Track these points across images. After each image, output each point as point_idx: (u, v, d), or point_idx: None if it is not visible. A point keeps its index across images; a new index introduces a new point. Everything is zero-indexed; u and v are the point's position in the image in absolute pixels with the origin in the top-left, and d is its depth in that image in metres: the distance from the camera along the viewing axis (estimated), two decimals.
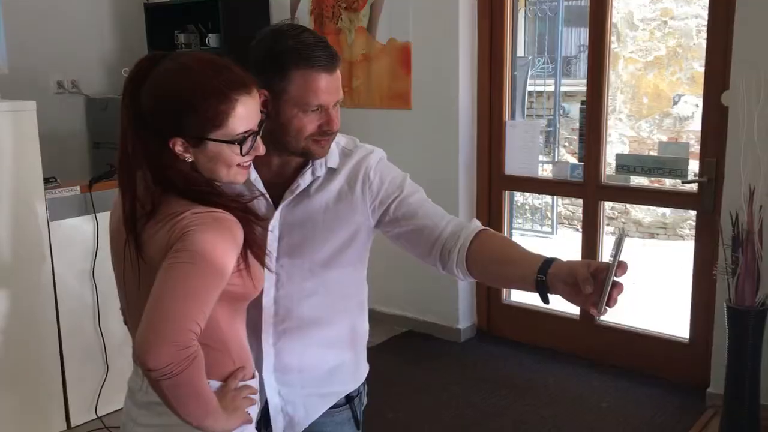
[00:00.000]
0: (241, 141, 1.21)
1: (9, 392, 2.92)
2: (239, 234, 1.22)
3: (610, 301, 1.19)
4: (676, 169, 3.34)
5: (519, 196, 7.18)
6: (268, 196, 1.46)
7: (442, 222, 1.46)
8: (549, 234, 7.22)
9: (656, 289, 5.24)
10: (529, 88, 7.03)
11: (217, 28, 4.28)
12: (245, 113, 1.21)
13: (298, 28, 1.40)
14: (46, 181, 2.97)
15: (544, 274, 1.26)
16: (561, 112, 7.52)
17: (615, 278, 1.18)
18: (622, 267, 1.19)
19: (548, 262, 1.28)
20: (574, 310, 3.73)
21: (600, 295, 1.18)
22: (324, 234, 1.47)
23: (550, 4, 7.52)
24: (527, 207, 7.40)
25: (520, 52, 7.59)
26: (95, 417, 3.14)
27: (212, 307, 1.17)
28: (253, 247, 1.26)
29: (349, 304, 1.58)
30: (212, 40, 4.30)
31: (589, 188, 3.61)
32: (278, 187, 1.47)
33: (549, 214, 7.36)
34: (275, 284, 1.47)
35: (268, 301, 1.48)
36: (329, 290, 1.52)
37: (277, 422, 1.53)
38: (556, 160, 6.97)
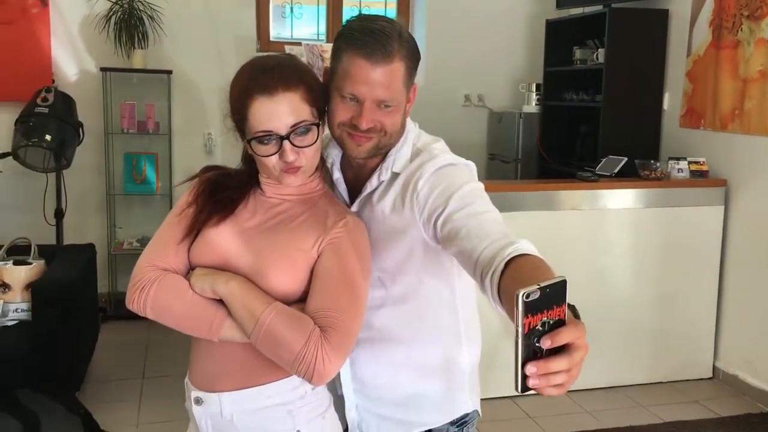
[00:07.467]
0: (253, 139, 1.23)
1: None
2: (191, 193, 1.34)
3: (528, 380, 0.82)
4: None
5: None
6: (346, 196, 1.42)
7: (482, 244, 1.14)
8: None
9: None
10: None
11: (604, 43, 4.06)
12: (259, 113, 1.22)
13: (378, 17, 1.31)
14: None
15: None
16: None
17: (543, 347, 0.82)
18: (560, 334, 0.82)
19: None
20: None
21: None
22: (382, 244, 1.35)
23: None
24: None
25: None
26: None
27: (179, 241, 1.31)
28: (203, 222, 1.31)
29: (436, 329, 1.42)
30: (600, 55, 4.10)
31: None
32: (358, 188, 1.41)
33: None
34: None
35: None
36: (398, 305, 1.39)
37: None
38: None
